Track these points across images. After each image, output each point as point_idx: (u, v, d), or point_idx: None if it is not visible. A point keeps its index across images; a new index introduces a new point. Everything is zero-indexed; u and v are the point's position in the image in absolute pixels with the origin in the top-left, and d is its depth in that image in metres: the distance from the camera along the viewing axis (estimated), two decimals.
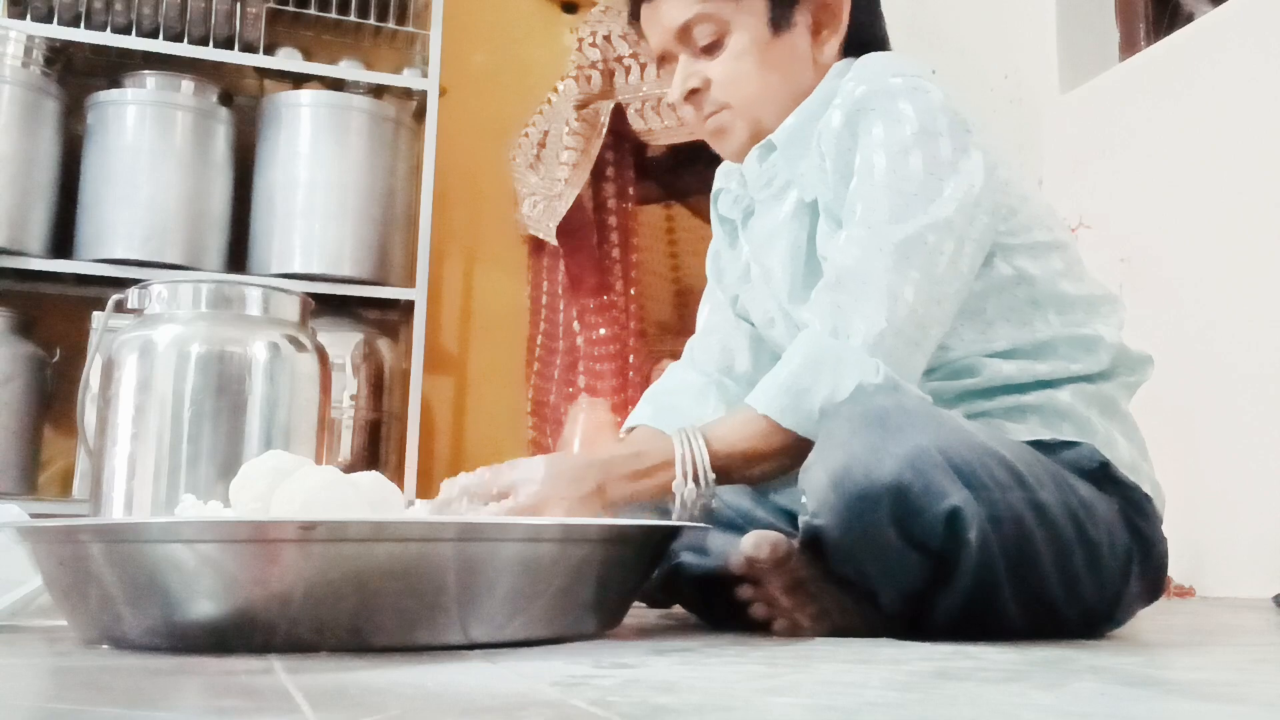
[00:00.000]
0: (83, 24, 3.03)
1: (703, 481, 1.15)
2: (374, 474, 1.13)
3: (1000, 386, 1.23)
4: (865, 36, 1.35)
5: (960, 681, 0.77)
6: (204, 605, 0.90)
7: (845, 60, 1.33)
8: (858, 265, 1.16)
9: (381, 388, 3.14)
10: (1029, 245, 1.24)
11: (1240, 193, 2.17)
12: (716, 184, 1.45)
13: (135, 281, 1.97)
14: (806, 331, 1.19)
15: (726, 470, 1.17)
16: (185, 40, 3.09)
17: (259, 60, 3.18)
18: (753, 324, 1.46)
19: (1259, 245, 2.12)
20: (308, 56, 3.30)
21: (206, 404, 1.81)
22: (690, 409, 1.45)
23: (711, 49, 1.30)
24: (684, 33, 1.31)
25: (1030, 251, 1.24)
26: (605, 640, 1.04)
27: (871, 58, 1.30)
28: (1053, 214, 1.32)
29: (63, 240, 3.00)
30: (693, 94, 1.32)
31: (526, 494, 1.12)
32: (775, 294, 1.35)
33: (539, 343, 3.20)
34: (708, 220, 1.50)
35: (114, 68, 3.13)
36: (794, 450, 1.14)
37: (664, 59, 1.36)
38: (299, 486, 1.08)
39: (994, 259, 1.23)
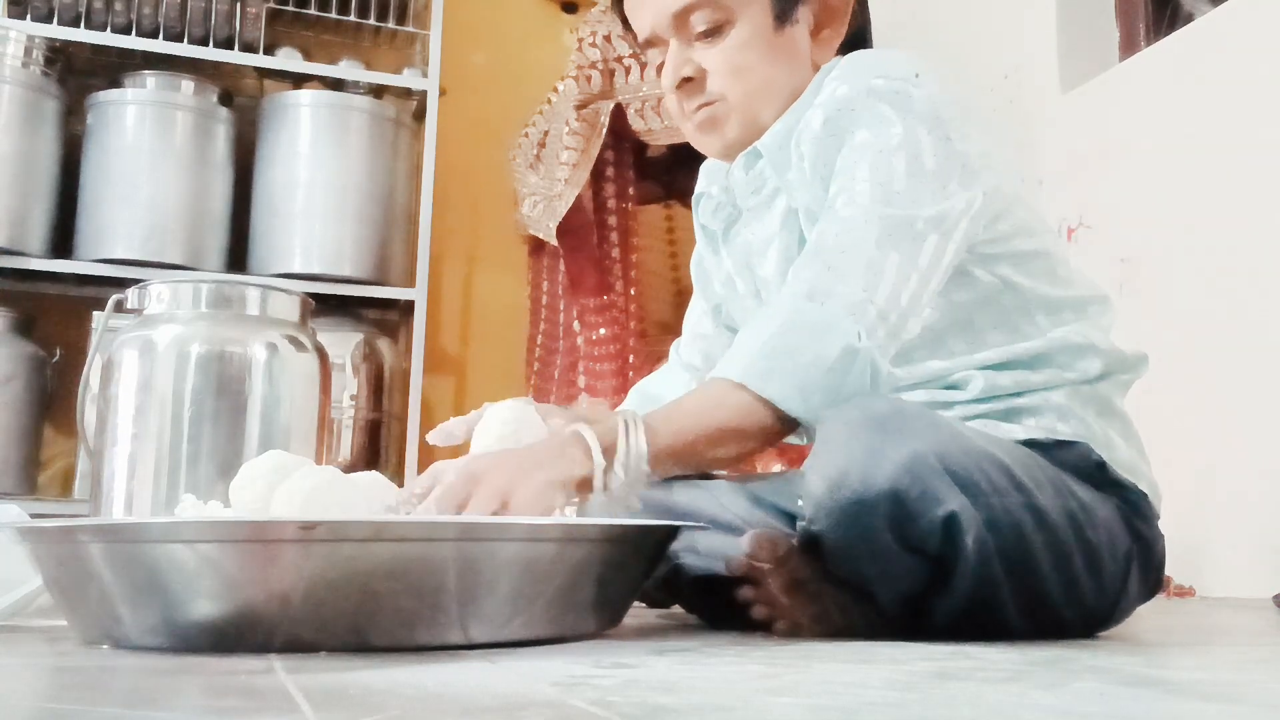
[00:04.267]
0: (83, 24, 3.03)
1: (632, 474, 1.06)
2: (374, 474, 1.13)
3: (996, 394, 1.22)
4: (862, 37, 1.34)
5: (960, 681, 0.77)
6: (204, 605, 0.90)
7: (835, 60, 1.29)
8: (838, 238, 1.13)
9: (381, 388, 3.14)
10: (1011, 254, 1.23)
11: (1240, 193, 2.17)
12: (699, 187, 1.42)
13: (135, 281, 1.97)
14: (780, 296, 1.15)
15: (680, 455, 1.10)
16: (185, 40, 3.09)
17: (259, 60, 3.18)
18: (737, 332, 1.45)
19: (1259, 245, 2.12)
20: (308, 56, 3.30)
21: (206, 404, 1.81)
22: (670, 397, 1.44)
23: (709, 36, 1.26)
24: (682, 17, 1.26)
25: (1012, 260, 1.23)
26: (605, 640, 1.04)
27: (858, 56, 1.26)
28: (1038, 218, 1.29)
29: (63, 240, 3.00)
30: (685, 83, 1.28)
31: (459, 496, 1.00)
32: (766, 304, 1.34)
33: (539, 343, 3.20)
34: None
35: (114, 68, 3.14)
36: (769, 423, 1.10)
37: (650, 44, 1.30)
38: (299, 486, 1.08)
39: (975, 269, 1.21)
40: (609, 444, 1.06)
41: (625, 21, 1.35)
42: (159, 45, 3.07)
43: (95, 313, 2.80)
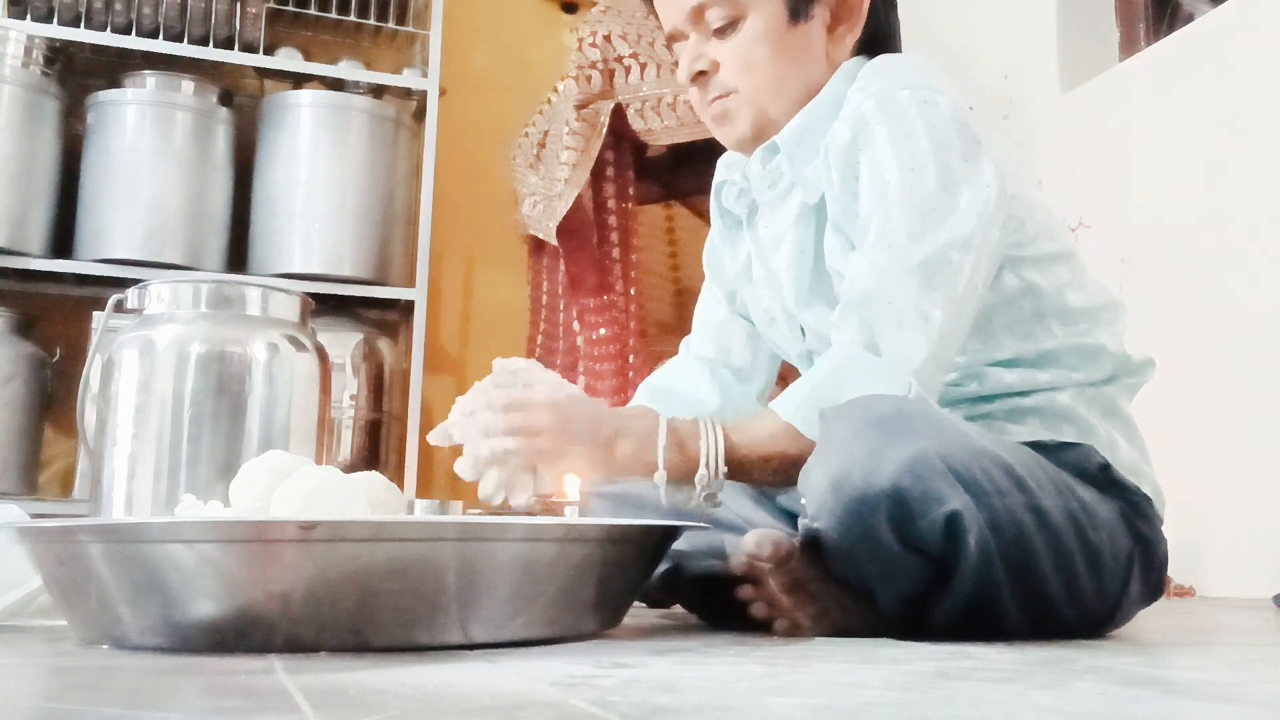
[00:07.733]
0: (83, 24, 3.03)
1: (714, 472, 1.13)
2: (374, 474, 1.13)
3: (1002, 393, 1.23)
4: (880, 37, 1.33)
5: (960, 681, 0.77)
6: (204, 605, 0.90)
7: (856, 60, 1.31)
8: (880, 286, 1.15)
9: (381, 388, 3.14)
10: (1036, 257, 1.24)
11: (1240, 193, 2.17)
12: (719, 175, 1.43)
13: (135, 281, 1.97)
14: (838, 344, 1.18)
15: (741, 468, 1.15)
16: (185, 40, 3.09)
17: (259, 60, 3.18)
18: (751, 321, 1.46)
19: (1259, 245, 2.12)
20: (308, 56, 3.30)
21: (206, 404, 1.80)
22: (684, 390, 1.44)
23: (724, 31, 1.28)
24: (698, 12, 1.29)
25: (1037, 263, 1.24)
26: (605, 640, 1.04)
27: (882, 64, 1.27)
28: (1057, 222, 1.31)
29: (63, 240, 3.00)
30: (699, 76, 1.30)
31: (539, 422, 1.11)
32: (780, 297, 1.35)
33: (539, 343, 3.20)
34: (708, 219, 1.49)
35: (114, 68, 3.14)
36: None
37: (674, 38, 1.34)
38: (299, 486, 1.08)
39: (1002, 271, 1.22)
40: (684, 439, 1.14)
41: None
42: (159, 45, 3.07)
43: (95, 313, 2.80)
